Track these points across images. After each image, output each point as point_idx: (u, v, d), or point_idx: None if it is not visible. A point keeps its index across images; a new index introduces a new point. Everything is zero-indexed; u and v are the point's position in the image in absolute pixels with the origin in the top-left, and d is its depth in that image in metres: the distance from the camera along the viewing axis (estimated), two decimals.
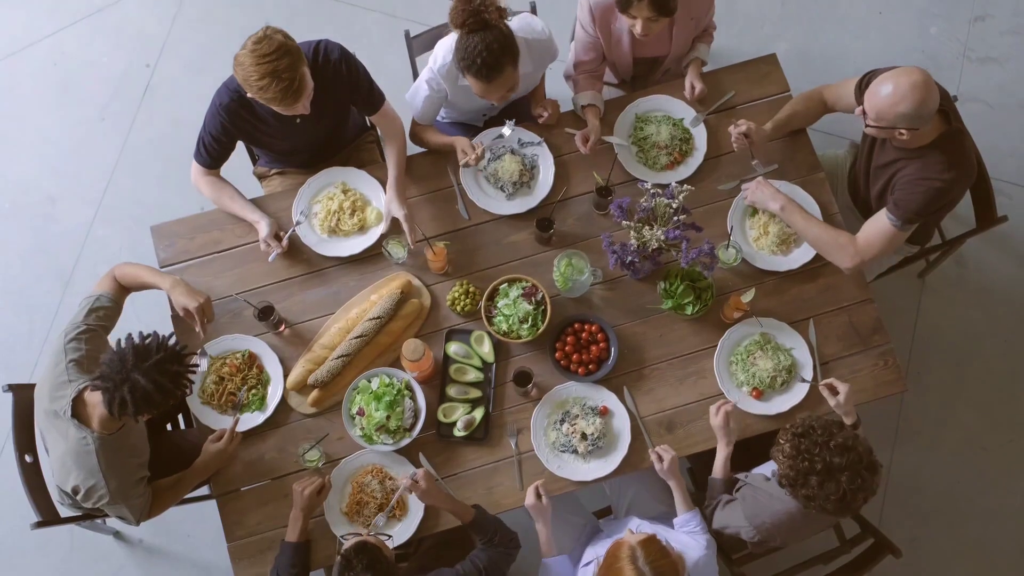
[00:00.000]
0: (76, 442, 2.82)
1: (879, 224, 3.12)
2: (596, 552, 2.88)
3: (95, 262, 4.41)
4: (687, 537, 2.88)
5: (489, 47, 2.99)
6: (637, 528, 2.83)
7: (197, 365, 2.80)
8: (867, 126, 2.97)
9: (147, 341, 2.69)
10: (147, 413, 2.69)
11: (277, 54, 2.87)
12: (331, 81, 3.18)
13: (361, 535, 2.70)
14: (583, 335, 3.27)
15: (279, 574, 2.96)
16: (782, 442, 2.68)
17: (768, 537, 2.90)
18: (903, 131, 2.90)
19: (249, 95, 3.00)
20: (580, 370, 3.24)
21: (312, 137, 3.41)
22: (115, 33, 4.74)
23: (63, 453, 2.87)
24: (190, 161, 3.35)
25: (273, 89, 2.89)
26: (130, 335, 2.71)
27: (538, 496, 3.03)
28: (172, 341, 2.73)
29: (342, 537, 2.72)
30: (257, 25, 2.95)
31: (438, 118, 3.72)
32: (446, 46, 3.27)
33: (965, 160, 3.05)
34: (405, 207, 3.30)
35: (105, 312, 3.05)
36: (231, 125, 3.22)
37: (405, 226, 3.27)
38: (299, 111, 3.05)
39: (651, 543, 2.53)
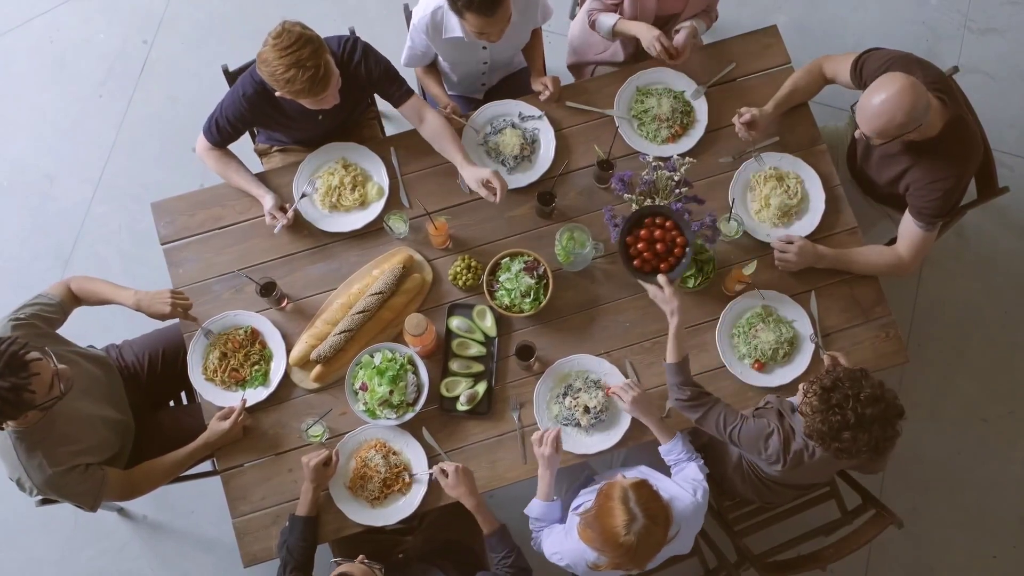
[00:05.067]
0: (1, 436, 2.82)
1: (913, 233, 3.18)
2: (587, 498, 2.90)
3: (94, 240, 4.41)
4: (675, 487, 2.89)
5: None
6: (629, 475, 2.83)
7: (37, 374, 2.62)
8: (877, 145, 2.96)
9: None
10: None
11: (298, 44, 2.85)
12: (355, 78, 3.17)
13: (347, 562, 2.65)
14: (656, 232, 3.12)
15: (289, 549, 2.97)
16: (809, 396, 2.66)
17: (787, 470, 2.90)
18: (910, 133, 2.91)
19: (278, 93, 2.98)
20: (638, 263, 3.11)
21: (329, 129, 3.42)
22: (112, 9, 4.70)
23: None
24: (189, 138, 3.35)
25: (300, 80, 2.87)
26: None
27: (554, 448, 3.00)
28: (12, 349, 2.60)
29: (333, 561, 2.71)
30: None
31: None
32: (424, 3, 3.29)
33: (971, 147, 3.08)
34: (483, 170, 3.18)
35: (43, 310, 3.01)
36: (250, 115, 3.21)
37: (496, 183, 3.12)
38: (329, 102, 3.04)
39: (642, 486, 2.57)
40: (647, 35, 3.41)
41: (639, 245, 3.10)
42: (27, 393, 2.60)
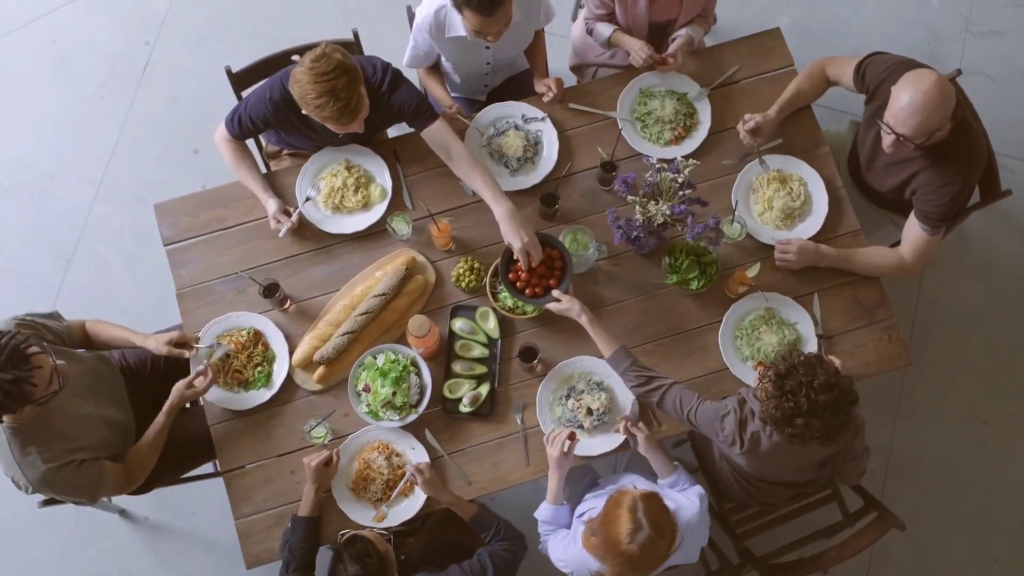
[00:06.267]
0: None
1: (918, 237, 3.19)
2: (591, 505, 2.90)
3: (95, 240, 4.41)
4: (682, 496, 2.88)
5: None
6: (641, 487, 2.83)
7: (40, 367, 2.63)
8: (917, 146, 2.95)
9: None
10: None
11: (335, 73, 2.84)
12: (383, 107, 3.17)
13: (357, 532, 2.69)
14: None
15: (291, 550, 2.98)
16: (764, 381, 2.66)
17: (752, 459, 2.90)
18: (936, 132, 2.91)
19: (304, 112, 2.98)
20: (529, 291, 3.18)
21: (347, 144, 3.41)
22: (114, 10, 4.70)
23: None
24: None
25: (330, 108, 2.87)
26: None
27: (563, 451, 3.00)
28: (14, 343, 2.59)
29: (340, 533, 2.72)
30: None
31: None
32: (427, 2, 3.29)
33: (977, 150, 3.10)
34: (524, 235, 3.09)
35: (53, 323, 3.03)
36: (273, 119, 3.20)
37: (524, 261, 3.11)
38: (353, 130, 3.04)
39: (653, 498, 2.58)
40: (635, 51, 3.46)
41: (523, 276, 3.18)
42: (28, 386, 2.61)
